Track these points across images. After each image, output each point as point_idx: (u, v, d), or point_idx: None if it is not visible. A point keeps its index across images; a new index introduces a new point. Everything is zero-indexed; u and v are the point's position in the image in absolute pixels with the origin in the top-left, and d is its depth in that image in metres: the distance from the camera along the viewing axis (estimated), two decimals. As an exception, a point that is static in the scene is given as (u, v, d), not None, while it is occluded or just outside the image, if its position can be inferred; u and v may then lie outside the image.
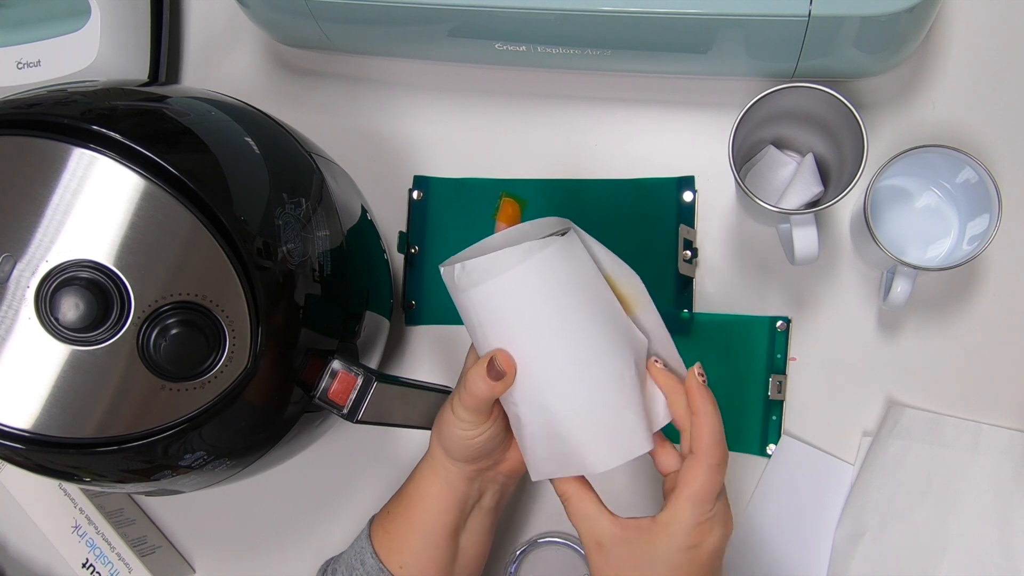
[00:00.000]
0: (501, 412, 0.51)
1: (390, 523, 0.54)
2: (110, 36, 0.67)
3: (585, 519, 0.48)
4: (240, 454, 0.53)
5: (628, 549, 0.46)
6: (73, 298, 0.45)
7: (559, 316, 0.47)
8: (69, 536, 0.66)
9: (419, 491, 0.54)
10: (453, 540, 0.54)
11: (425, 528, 0.53)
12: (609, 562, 0.46)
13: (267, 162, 0.52)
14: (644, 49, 0.62)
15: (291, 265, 0.49)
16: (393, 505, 0.55)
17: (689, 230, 0.66)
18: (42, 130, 0.47)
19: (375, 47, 0.70)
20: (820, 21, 0.55)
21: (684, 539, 0.46)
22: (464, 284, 0.47)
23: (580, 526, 0.48)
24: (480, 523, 0.55)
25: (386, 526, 0.54)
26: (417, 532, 0.53)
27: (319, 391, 0.53)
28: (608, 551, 0.46)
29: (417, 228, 0.71)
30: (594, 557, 0.47)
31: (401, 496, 0.55)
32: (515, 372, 0.47)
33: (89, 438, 0.47)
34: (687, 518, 0.46)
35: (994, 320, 0.64)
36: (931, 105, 0.66)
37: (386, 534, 0.54)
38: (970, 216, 0.61)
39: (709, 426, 0.47)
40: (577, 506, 0.48)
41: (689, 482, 0.46)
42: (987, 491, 0.61)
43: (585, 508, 0.48)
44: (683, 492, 0.46)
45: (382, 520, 0.55)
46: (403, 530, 0.54)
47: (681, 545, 0.46)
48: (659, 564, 0.46)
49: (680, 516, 0.46)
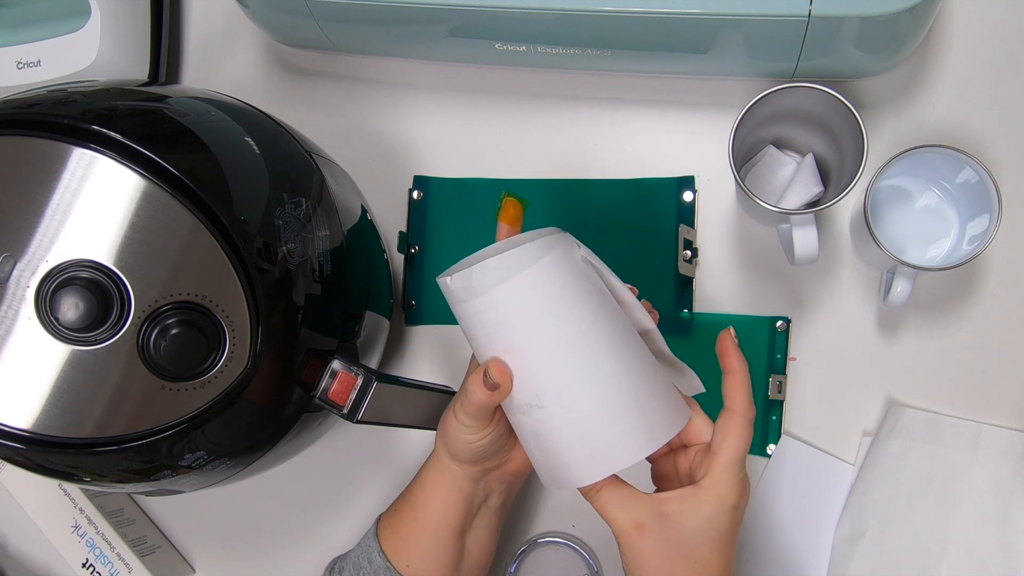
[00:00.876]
0: (503, 414, 0.50)
1: (397, 522, 0.54)
2: (110, 36, 0.67)
3: (620, 504, 0.46)
4: (240, 454, 0.53)
5: (673, 522, 0.45)
6: (73, 298, 0.45)
7: (573, 316, 0.46)
8: (69, 536, 0.66)
9: (425, 492, 0.54)
10: (459, 540, 0.54)
11: (431, 528, 0.53)
12: (655, 541, 0.45)
13: (267, 162, 0.52)
14: (644, 49, 0.62)
15: (291, 265, 0.49)
16: (400, 504, 0.55)
17: (689, 230, 0.66)
18: (42, 130, 0.47)
19: (375, 47, 0.70)
20: (820, 21, 0.55)
21: (732, 499, 0.45)
22: (465, 295, 0.46)
23: (615, 513, 0.46)
24: (486, 523, 0.55)
25: (394, 525, 0.55)
26: (423, 532, 0.53)
27: (319, 391, 0.53)
28: (651, 530, 0.45)
29: (417, 228, 0.71)
30: (635, 541, 0.45)
31: (407, 496, 0.55)
32: (511, 382, 0.46)
33: (89, 438, 0.47)
34: (733, 477, 0.45)
35: (994, 320, 0.64)
36: (931, 105, 0.66)
37: (394, 533, 0.54)
38: (970, 216, 0.61)
39: (745, 384, 0.47)
40: (610, 493, 0.46)
41: (732, 440, 0.46)
42: (987, 491, 0.61)
43: (619, 493, 0.46)
44: (726, 451, 0.46)
45: (389, 519, 0.55)
46: (410, 530, 0.54)
47: (728, 506, 0.45)
48: (709, 530, 0.45)
49: (727, 476, 0.45)
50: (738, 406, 0.47)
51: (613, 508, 0.46)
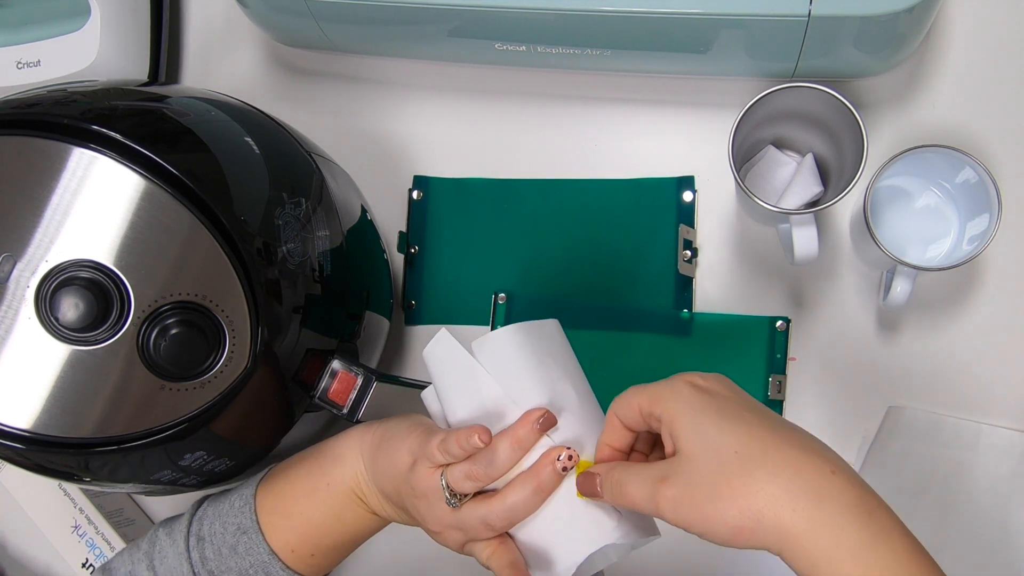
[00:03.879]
0: None
1: (321, 560, 0.52)
2: (110, 36, 0.67)
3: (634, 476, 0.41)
4: (240, 454, 0.53)
5: (682, 455, 0.39)
6: (73, 298, 0.45)
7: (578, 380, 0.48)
8: (69, 536, 0.66)
9: (357, 532, 0.52)
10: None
11: (347, 547, 0.53)
12: (684, 479, 0.39)
13: (267, 162, 0.52)
14: (644, 49, 0.62)
15: (291, 265, 0.49)
16: (317, 546, 0.51)
17: (689, 230, 0.66)
18: (42, 130, 0.47)
19: (375, 47, 0.70)
20: (820, 21, 0.55)
21: (688, 390, 0.41)
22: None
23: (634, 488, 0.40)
24: None
25: (315, 563, 0.52)
26: (336, 551, 0.52)
27: (319, 391, 0.53)
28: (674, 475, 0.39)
29: (417, 228, 0.71)
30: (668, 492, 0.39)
31: (329, 541, 0.52)
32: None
33: (89, 438, 0.47)
34: (662, 389, 0.41)
35: (994, 320, 0.64)
36: (931, 105, 0.66)
37: (313, 569, 0.52)
38: (970, 216, 0.61)
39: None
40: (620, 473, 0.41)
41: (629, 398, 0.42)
42: (987, 491, 0.61)
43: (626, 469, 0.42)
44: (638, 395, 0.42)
45: (303, 560, 0.51)
46: (330, 559, 0.52)
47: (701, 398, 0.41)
48: (711, 430, 0.39)
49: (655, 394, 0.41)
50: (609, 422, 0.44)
51: (629, 486, 0.41)
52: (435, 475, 0.46)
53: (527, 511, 0.44)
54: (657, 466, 0.40)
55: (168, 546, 0.51)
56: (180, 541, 0.51)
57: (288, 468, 0.53)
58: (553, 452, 0.44)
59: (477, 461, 0.45)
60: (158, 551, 0.51)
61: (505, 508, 0.44)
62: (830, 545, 0.36)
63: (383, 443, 0.50)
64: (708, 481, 0.38)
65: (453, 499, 0.45)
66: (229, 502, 0.52)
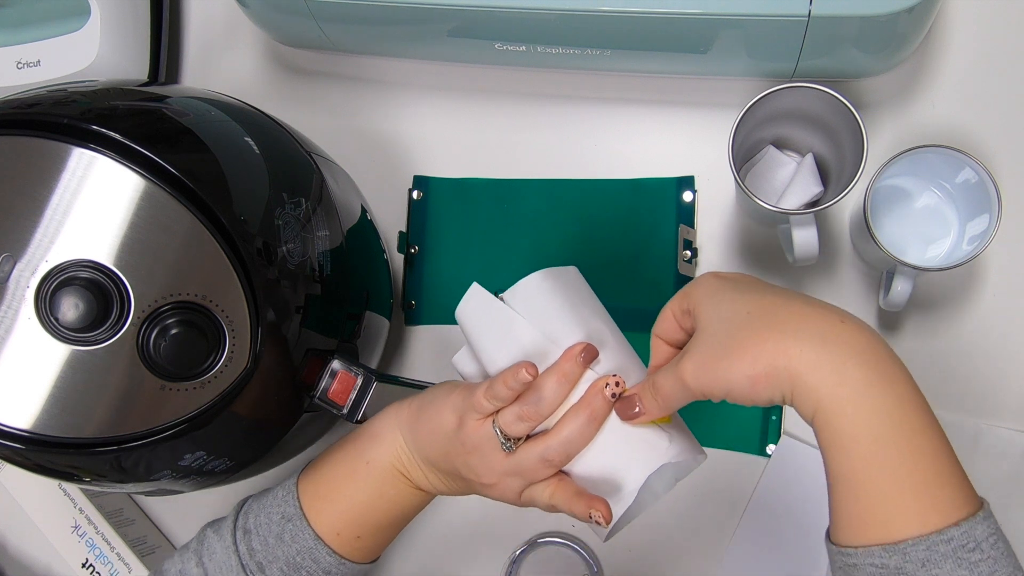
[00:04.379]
0: None
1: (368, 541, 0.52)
2: (110, 36, 0.67)
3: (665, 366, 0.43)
4: (240, 454, 0.53)
5: (703, 325, 0.42)
6: (73, 298, 0.45)
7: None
8: (69, 536, 0.66)
9: (403, 508, 0.52)
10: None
11: (399, 527, 0.53)
12: (698, 337, 0.42)
13: (267, 162, 0.52)
14: (644, 49, 0.62)
15: (291, 265, 0.49)
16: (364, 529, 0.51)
17: (689, 230, 0.66)
18: (42, 130, 0.47)
19: (375, 47, 0.70)
20: (820, 21, 0.55)
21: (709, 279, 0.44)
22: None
23: (665, 373, 0.42)
24: None
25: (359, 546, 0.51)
26: (384, 532, 0.52)
27: (319, 391, 0.53)
28: (691, 346, 0.42)
29: (417, 228, 0.71)
30: (684, 363, 0.41)
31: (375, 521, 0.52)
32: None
33: (89, 438, 0.47)
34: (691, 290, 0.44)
35: (994, 320, 0.64)
36: (931, 105, 0.66)
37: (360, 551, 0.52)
38: (970, 216, 0.61)
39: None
40: (658, 376, 0.43)
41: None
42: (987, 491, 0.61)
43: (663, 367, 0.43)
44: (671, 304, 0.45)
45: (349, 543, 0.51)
46: (377, 541, 0.52)
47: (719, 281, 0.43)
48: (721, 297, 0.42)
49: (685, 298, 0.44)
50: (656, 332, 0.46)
51: (659, 382, 0.43)
52: (485, 425, 0.46)
53: (583, 441, 0.46)
54: (679, 353, 0.42)
55: (216, 542, 0.51)
56: (227, 536, 0.51)
57: (328, 453, 0.53)
58: (600, 381, 0.46)
59: (526, 401, 0.46)
60: (206, 548, 0.51)
61: (561, 440, 0.45)
62: (833, 383, 0.38)
63: (421, 412, 0.50)
64: (722, 343, 0.40)
65: (507, 443, 0.46)
66: (272, 494, 0.52)
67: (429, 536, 0.68)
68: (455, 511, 0.68)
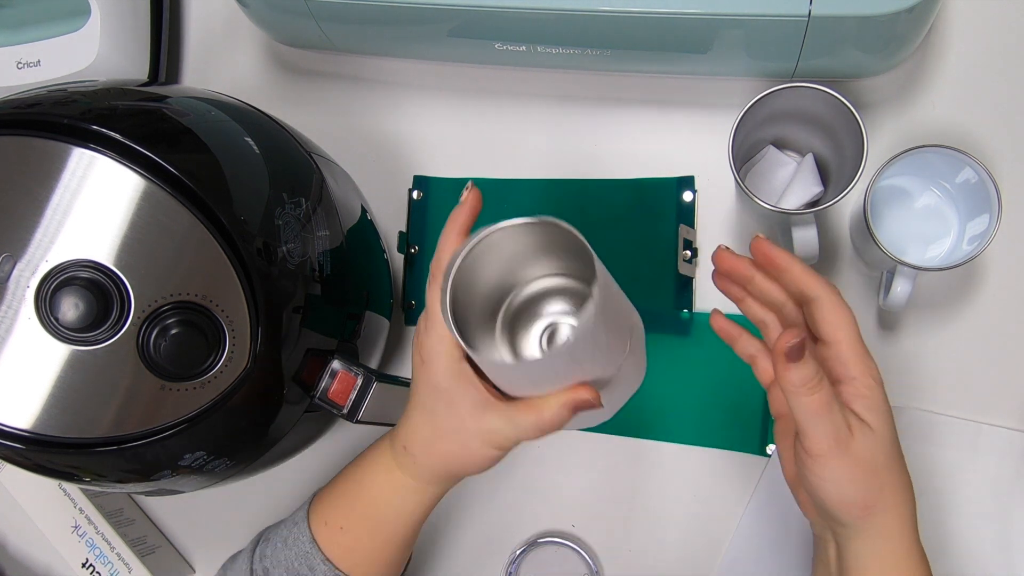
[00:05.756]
0: None
1: (351, 541, 0.50)
2: (110, 36, 0.67)
3: (829, 414, 0.43)
4: (240, 454, 0.53)
5: (865, 435, 0.44)
6: (73, 298, 0.45)
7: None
8: (69, 536, 0.66)
9: (396, 511, 0.50)
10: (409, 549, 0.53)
11: (401, 544, 0.51)
12: (860, 452, 0.44)
13: (267, 162, 0.52)
14: (644, 49, 0.62)
15: (291, 265, 0.49)
16: (348, 521, 0.50)
17: (689, 230, 0.66)
18: (42, 130, 0.47)
19: (375, 47, 0.70)
20: (820, 21, 0.55)
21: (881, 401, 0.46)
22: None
23: (832, 415, 0.43)
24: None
25: (345, 544, 0.50)
26: (390, 549, 0.51)
27: (319, 391, 0.53)
28: (855, 443, 0.44)
29: (417, 228, 0.71)
30: (849, 446, 0.43)
31: (359, 512, 0.50)
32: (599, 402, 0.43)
33: (89, 438, 0.47)
34: (867, 362, 0.46)
35: (994, 320, 0.64)
36: (931, 105, 0.66)
37: (348, 552, 0.50)
38: (970, 216, 0.61)
39: (807, 271, 0.46)
40: (829, 393, 0.43)
41: (842, 325, 0.45)
42: (987, 491, 0.61)
43: (834, 399, 0.44)
44: (843, 337, 0.45)
45: (334, 536, 0.50)
46: (368, 547, 0.50)
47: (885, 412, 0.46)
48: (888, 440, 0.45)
49: (861, 361, 0.45)
50: (819, 290, 0.45)
51: (829, 408, 0.43)
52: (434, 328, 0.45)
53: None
54: (847, 413, 0.44)
55: (241, 559, 0.53)
56: (248, 549, 0.53)
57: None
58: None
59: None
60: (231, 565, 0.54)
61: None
62: (900, 556, 0.45)
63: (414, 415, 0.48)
64: (880, 461, 0.44)
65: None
66: (292, 512, 0.53)
67: (429, 536, 0.68)
68: (455, 511, 0.68)
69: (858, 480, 0.44)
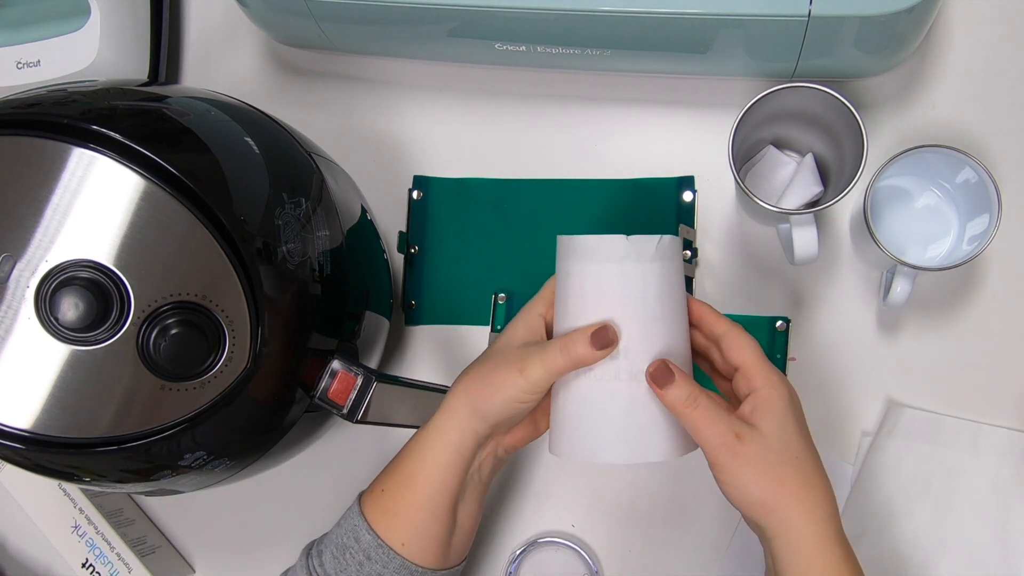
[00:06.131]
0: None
1: (388, 502, 0.52)
2: (110, 36, 0.67)
3: (718, 416, 0.47)
4: (240, 454, 0.53)
5: (763, 429, 0.48)
6: (73, 298, 0.45)
7: (682, 310, 0.50)
8: (69, 536, 0.66)
9: (423, 459, 0.52)
10: (453, 512, 0.53)
11: (427, 498, 0.52)
12: (756, 448, 0.47)
13: (267, 162, 0.52)
14: (644, 49, 0.62)
15: (291, 265, 0.49)
16: (388, 483, 0.53)
17: (689, 230, 0.66)
18: (42, 130, 0.47)
19: (375, 47, 0.70)
20: (820, 21, 0.55)
21: (785, 389, 0.49)
22: (620, 257, 0.48)
23: (715, 424, 0.47)
24: (475, 496, 0.54)
25: (383, 505, 0.52)
26: (418, 505, 0.52)
27: (319, 391, 0.53)
28: (750, 438, 0.47)
29: (417, 228, 0.71)
30: (739, 449, 0.47)
31: (398, 471, 0.53)
32: (616, 345, 0.48)
33: (89, 438, 0.47)
34: (770, 372, 0.49)
35: (994, 320, 0.64)
36: (931, 105, 0.66)
37: (384, 513, 0.52)
38: (970, 216, 0.61)
39: (712, 313, 0.52)
40: (707, 408, 0.47)
41: (743, 349, 0.50)
42: (987, 491, 0.61)
43: (715, 408, 0.48)
44: (746, 358, 0.49)
45: (376, 500, 0.53)
46: (402, 505, 0.52)
47: (788, 395, 0.49)
48: (791, 423, 0.49)
49: (765, 373, 0.49)
50: (723, 327, 0.51)
51: (711, 420, 0.47)
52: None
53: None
54: (735, 421, 0.48)
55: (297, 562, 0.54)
56: (303, 551, 0.55)
57: None
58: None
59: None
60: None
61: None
62: (816, 554, 0.47)
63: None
64: (772, 460, 0.47)
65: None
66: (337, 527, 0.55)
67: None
68: (455, 511, 0.68)
69: (752, 480, 0.47)
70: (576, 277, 0.49)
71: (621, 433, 0.48)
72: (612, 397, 0.48)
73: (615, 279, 0.48)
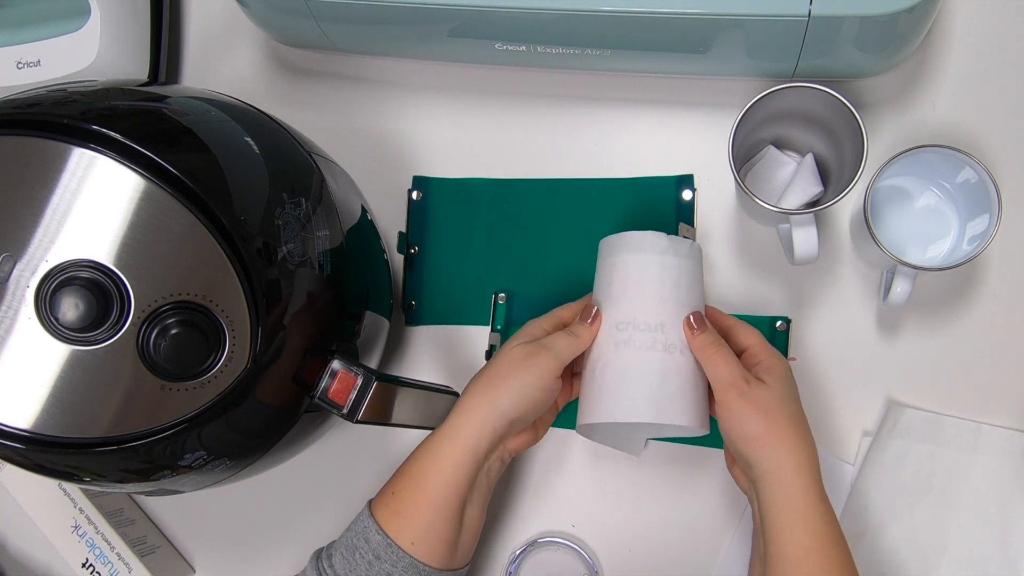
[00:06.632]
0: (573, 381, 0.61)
1: (398, 503, 0.54)
2: (110, 36, 0.67)
3: (732, 360, 0.54)
4: (240, 454, 0.53)
5: (768, 383, 0.54)
6: (73, 298, 0.45)
7: (695, 301, 0.57)
8: (69, 536, 0.66)
9: (437, 459, 0.54)
10: (460, 513, 0.54)
11: (438, 498, 0.53)
12: (761, 392, 0.54)
13: (267, 162, 0.52)
14: (644, 49, 0.62)
15: (291, 265, 0.49)
16: (399, 485, 0.54)
17: (689, 228, 0.67)
18: (42, 130, 0.47)
19: (375, 47, 0.70)
20: (820, 21, 0.55)
21: (784, 367, 0.56)
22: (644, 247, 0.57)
23: (730, 365, 0.54)
24: (481, 498, 0.56)
25: (394, 507, 0.54)
26: (429, 505, 0.53)
27: (319, 391, 0.53)
28: (756, 385, 0.54)
29: (417, 228, 0.71)
30: (746, 390, 0.53)
31: (409, 473, 0.54)
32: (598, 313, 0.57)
33: (89, 438, 0.47)
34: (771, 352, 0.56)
35: (994, 320, 0.64)
36: (931, 105, 0.66)
37: (395, 515, 0.53)
38: (970, 216, 0.61)
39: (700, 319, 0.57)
40: (724, 350, 0.55)
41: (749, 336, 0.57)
42: (987, 491, 0.61)
43: (729, 352, 0.55)
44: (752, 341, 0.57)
45: (387, 502, 0.54)
46: (413, 506, 0.53)
47: (786, 371, 0.56)
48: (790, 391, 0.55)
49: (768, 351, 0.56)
50: (731, 321, 0.58)
51: (728, 362, 0.54)
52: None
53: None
54: (747, 372, 0.55)
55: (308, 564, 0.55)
56: (312, 556, 0.56)
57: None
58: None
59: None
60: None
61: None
62: (799, 493, 0.52)
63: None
64: (772, 408, 0.53)
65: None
66: (348, 530, 0.56)
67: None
68: (455, 511, 0.68)
69: (753, 417, 0.53)
70: (622, 266, 0.57)
71: (655, 395, 0.55)
72: (650, 364, 0.55)
73: (656, 267, 0.56)
